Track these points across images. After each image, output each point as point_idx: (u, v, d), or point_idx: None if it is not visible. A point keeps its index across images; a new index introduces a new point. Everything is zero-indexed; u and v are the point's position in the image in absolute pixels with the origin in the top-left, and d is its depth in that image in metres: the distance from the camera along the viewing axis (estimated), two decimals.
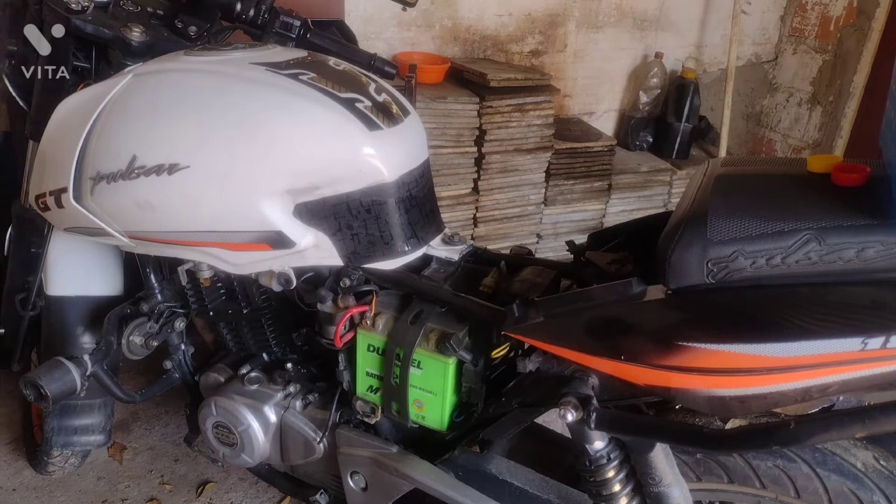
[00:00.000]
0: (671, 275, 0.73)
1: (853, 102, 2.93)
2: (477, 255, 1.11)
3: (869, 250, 0.66)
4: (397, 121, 1.00)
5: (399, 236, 1.00)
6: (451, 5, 2.61)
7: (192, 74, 0.99)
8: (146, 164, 0.95)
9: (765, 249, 0.69)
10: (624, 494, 0.91)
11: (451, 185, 2.42)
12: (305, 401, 1.15)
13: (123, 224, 1.03)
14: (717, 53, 3.17)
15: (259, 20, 1.23)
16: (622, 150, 2.91)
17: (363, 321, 0.99)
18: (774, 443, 0.71)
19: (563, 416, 0.82)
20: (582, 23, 2.86)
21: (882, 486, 0.86)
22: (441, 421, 0.98)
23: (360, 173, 0.96)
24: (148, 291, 1.21)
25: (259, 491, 1.66)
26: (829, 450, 0.87)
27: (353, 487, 1.12)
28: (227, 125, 0.95)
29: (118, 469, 1.69)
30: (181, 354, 1.30)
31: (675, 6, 2.99)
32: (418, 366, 0.96)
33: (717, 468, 0.93)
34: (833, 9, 2.97)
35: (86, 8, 1.10)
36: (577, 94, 3.00)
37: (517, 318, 0.86)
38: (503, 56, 2.78)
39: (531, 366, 0.89)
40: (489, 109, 2.36)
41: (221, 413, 1.17)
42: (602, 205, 2.72)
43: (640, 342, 0.77)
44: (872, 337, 0.65)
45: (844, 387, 0.70)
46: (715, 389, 0.73)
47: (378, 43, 2.53)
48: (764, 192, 0.74)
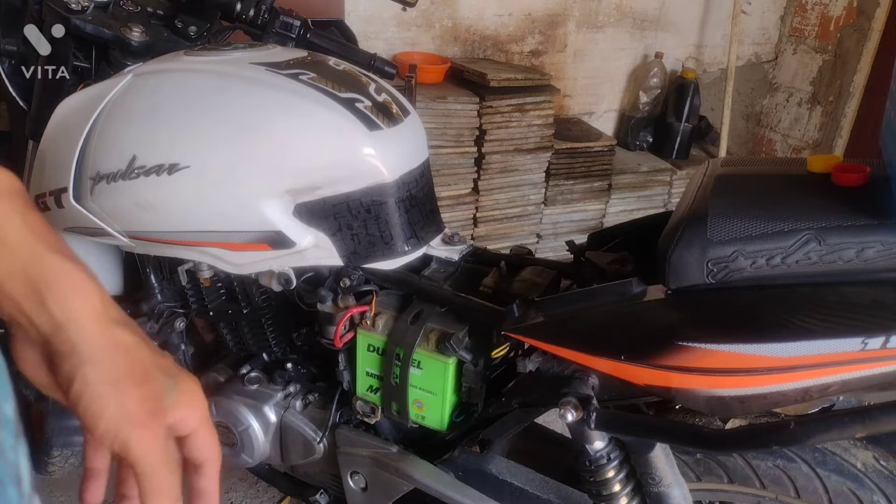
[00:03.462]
0: (671, 275, 0.73)
1: (853, 102, 2.93)
2: (477, 255, 1.11)
3: (869, 250, 0.66)
4: (397, 121, 1.00)
5: (399, 236, 1.00)
6: (451, 5, 2.61)
7: (192, 74, 0.99)
8: (146, 164, 0.95)
9: (765, 249, 0.69)
10: (624, 494, 0.91)
11: (451, 185, 2.42)
12: (305, 401, 1.15)
13: (123, 224, 1.03)
14: (717, 53, 3.17)
15: (259, 20, 1.23)
16: (622, 150, 2.91)
17: (363, 321, 0.99)
18: (774, 443, 0.71)
19: (563, 416, 0.82)
20: (582, 23, 2.86)
21: (882, 486, 0.86)
22: (441, 421, 0.98)
23: (360, 173, 0.96)
24: (148, 291, 1.21)
25: (259, 491, 1.66)
26: (829, 450, 0.87)
27: (353, 487, 1.12)
28: (227, 125, 0.95)
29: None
30: (181, 354, 1.29)
31: (675, 6, 2.99)
32: (418, 366, 0.96)
33: (717, 468, 0.93)
34: (833, 9, 2.97)
35: (86, 8, 1.10)
36: (577, 94, 3.00)
37: (517, 318, 0.86)
38: (503, 56, 2.78)
39: (531, 366, 0.89)
40: (489, 109, 2.36)
41: (221, 413, 1.17)
42: (602, 205, 2.72)
43: (640, 342, 0.77)
44: (872, 337, 0.65)
45: (844, 387, 0.70)
46: (715, 389, 0.73)
47: (378, 43, 2.53)
48: (764, 192, 0.75)
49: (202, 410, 0.46)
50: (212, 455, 0.47)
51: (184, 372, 0.47)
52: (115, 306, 0.44)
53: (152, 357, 0.44)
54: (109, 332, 0.42)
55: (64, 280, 0.41)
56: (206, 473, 0.47)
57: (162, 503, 0.43)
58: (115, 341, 0.42)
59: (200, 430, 0.46)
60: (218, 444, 0.48)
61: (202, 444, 0.46)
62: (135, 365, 0.43)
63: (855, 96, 2.92)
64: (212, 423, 0.47)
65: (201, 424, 0.46)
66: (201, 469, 0.47)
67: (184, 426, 0.45)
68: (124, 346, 0.43)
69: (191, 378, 0.46)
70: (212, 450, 0.47)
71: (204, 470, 0.47)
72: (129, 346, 0.43)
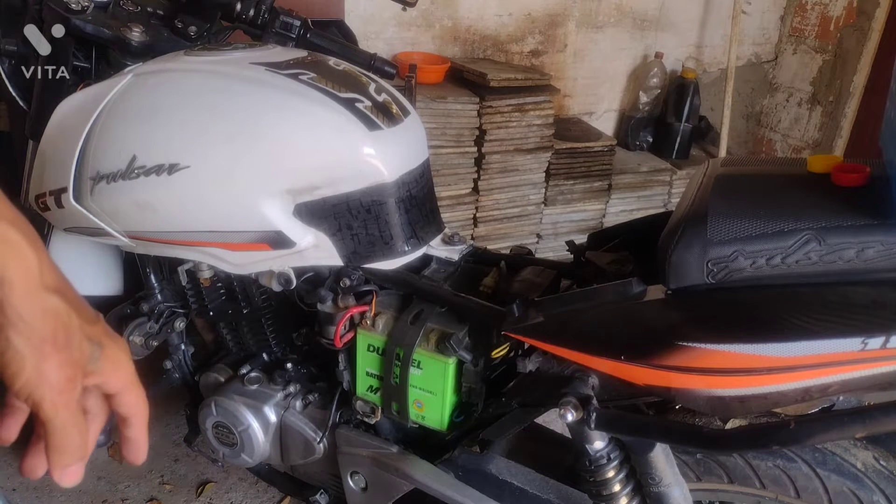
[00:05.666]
0: (671, 275, 0.73)
1: (853, 102, 2.93)
2: (477, 255, 1.11)
3: (869, 250, 0.66)
4: (397, 121, 1.00)
5: (399, 236, 1.00)
6: (451, 5, 2.61)
7: (192, 74, 0.99)
8: (146, 164, 0.95)
9: (765, 249, 0.69)
10: (624, 494, 0.91)
11: (451, 185, 2.42)
12: (305, 401, 1.15)
13: (123, 224, 1.03)
14: (717, 53, 3.17)
15: (259, 20, 1.23)
16: (622, 150, 2.91)
17: (363, 321, 0.99)
18: (774, 443, 0.71)
19: (563, 416, 0.82)
20: (582, 23, 2.86)
21: (882, 486, 0.86)
22: (441, 421, 0.98)
23: (360, 173, 0.96)
24: (148, 291, 1.21)
25: (259, 491, 1.66)
26: (829, 450, 0.87)
27: (353, 487, 1.12)
28: (226, 125, 0.95)
29: (118, 469, 1.69)
30: (181, 354, 1.29)
31: (675, 6, 2.99)
32: (418, 366, 0.96)
33: (717, 468, 0.93)
34: (833, 9, 2.97)
35: (86, 8, 1.10)
36: (577, 94, 3.00)
37: (517, 318, 0.86)
38: (503, 56, 2.78)
39: (531, 366, 0.89)
40: (489, 109, 2.36)
41: (221, 413, 1.17)
42: (602, 205, 2.72)
43: (640, 342, 0.77)
44: (872, 337, 0.65)
45: (844, 387, 0.70)
46: (715, 389, 0.73)
47: (378, 43, 2.53)
48: (764, 192, 0.74)
49: (126, 373, 0.51)
50: (137, 411, 0.52)
51: (112, 338, 0.51)
52: (53, 272, 0.47)
53: (80, 324, 0.47)
54: (39, 297, 0.45)
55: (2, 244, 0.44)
56: (133, 425, 0.53)
57: (64, 459, 0.48)
58: (44, 307, 0.45)
59: (125, 391, 0.51)
60: (144, 401, 0.53)
61: (127, 402, 0.52)
62: (59, 331, 0.45)
63: (855, 96, 2.92)
64: (138, 383, 0.52)
65: (125, 386, 0.51)
66: (128, 422, 0.53)
67: (109, 387, 0.50)
68: (53, 311, 0.45)
69: (118, 344, 0.51)
70: (136, 407, 0.52)
71: (131, 422, 0.53)
72: (58, 313, 0.45)
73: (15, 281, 0.44)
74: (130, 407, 0.52)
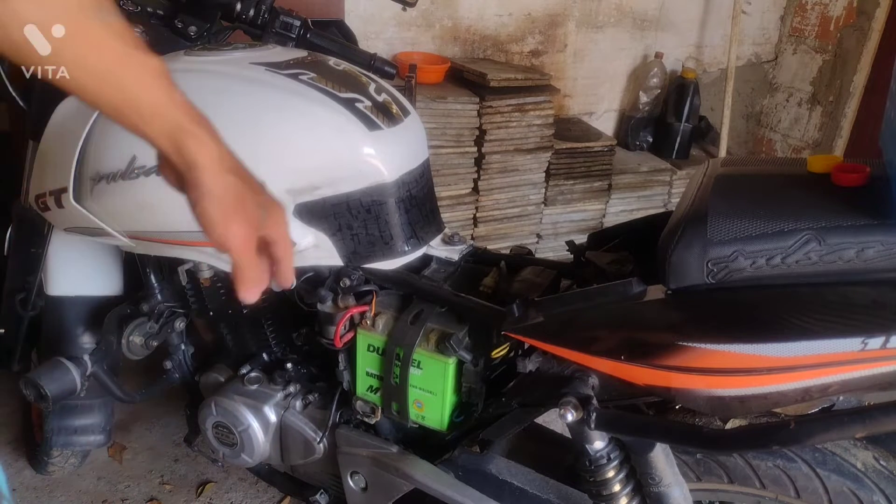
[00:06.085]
0: (671, 275, 0.73)
1: (853, 102, 2.93)
2: (477, 255, 1.11)
3: (869, 250, 0.66)
4: (397, 121, 1.00)
5: (399, 236, 1.00)
6: (451, 5, 2.61)
7: (191, 74, 0.99)
8: (146, 164, 0.95)
9: (765, 249, 0.69)
10: (624, 494, 0.91)
11: (451, 185, 2.42)
12: (305, 401, 1.15)
13: (123, 224, 1.03)
14: (717, 53, 3.17)
15: (259, 20, 1.23)
16: (622, 150, 2.91)
17: (363, 321, 0.99)
18: (774, 443, 0.71)
19: (563, 416, 0.82)
20: (582, 23, 2.86)
21: (882, 486, 0.86)
22: (441, 421, 0.98)
23: (360, 173, 0.96)
24: (148, 291, 1.21)
25: (259, 491, 1.66)
26: (829, 450, 0.87)
27: (353, 487, 1.12)
28: (226, 125, 0.93)
29: (118, 469, 1.69)
30: (181, 354, 1.29)
31: (675, 6, 2.99)
32: (418, 366, 0.96)
33: (717, 468, 0.93)
34: (833, 9, 2.97)
35: None
36: (577, 94, 3.00)
37: (517, 318, 0.86)
38: (503, 56, 2.77)
39: (531, 366, 0.89)
40: (489, 109, 2.36)
41: (221, 413, 1.17)
42: (602, 205, 2.72)
43: (640, 342, 0.77)
44: (872, 337, 0.65)
45: (844, 387, 0.70)
46: (715, 389, 0.73)
47: (378, 43, 2.53)
48: (764, 192, 0.74)
49: (283, 227, 0.71)
50: (287, 254, 0.72)
51: (274, 203, 0.70)
52: (230, 158, 0.66)
53: (252, 194, 0.67)
54: (222, 177, 0.64)
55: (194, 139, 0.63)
56: (282, 261, 0.72)
57: (248, 284, 0.68)
58: (226, 184, 0.64)
59: (280, 240, 0.71)
60: (290, 247, 0.72)
61: (280, 248, 0.71)
62: (237, 200, 0.64)
63: (855, 96, 2.92)
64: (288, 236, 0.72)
65: (280, 237, 0.71)
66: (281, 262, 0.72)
67: (270, 237, 0.70)
68: (233, 186, 0.64)
69: (278, 207, 0.71)
70: (286, 251, 0.72)
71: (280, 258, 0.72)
72: (236, 187, 0.65)
73: (206, 164, 0.63)
74: (281, 250, 0.71)
